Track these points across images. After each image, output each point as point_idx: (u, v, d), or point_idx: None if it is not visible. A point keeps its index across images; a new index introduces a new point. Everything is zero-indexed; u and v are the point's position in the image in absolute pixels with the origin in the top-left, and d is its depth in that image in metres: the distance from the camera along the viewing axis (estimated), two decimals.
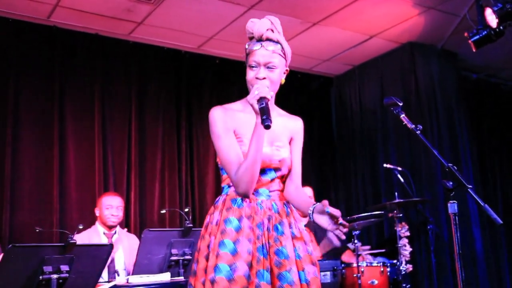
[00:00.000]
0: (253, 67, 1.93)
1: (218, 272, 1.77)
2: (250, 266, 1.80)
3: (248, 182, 1.85)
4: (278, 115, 2.05)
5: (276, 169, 1.96)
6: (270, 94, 1.84)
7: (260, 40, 1.94)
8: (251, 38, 1.98)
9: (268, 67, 1.93)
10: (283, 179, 2.02)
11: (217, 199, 1.99)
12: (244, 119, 1.97)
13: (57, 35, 4.88)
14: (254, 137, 1.83)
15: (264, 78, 1.91)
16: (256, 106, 1.80)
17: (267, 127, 1.74)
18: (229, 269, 1.77)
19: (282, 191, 2.02)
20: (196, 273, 1.86)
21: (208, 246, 1.86)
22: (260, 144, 1.84)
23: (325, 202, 1.80)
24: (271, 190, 1.96)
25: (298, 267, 1.87)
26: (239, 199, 1.90)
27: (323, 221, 1.82)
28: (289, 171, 2.03)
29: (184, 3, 4.62)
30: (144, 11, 4.72)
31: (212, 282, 1.76)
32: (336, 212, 1.76)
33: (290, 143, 2.06)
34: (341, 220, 1.77)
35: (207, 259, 1.85)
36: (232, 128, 1.94)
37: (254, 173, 1.85)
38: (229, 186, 1.96)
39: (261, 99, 1.80)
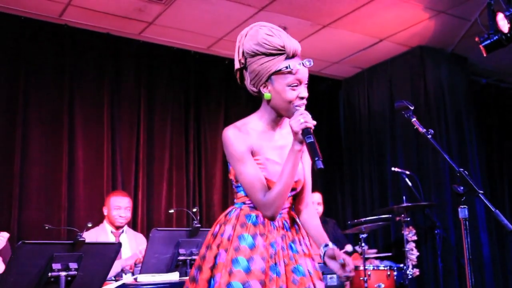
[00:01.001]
0: (294, 86, 1.82)
1: None
2: (263, 284, 1.78)
3: (279, 207, 1.83)
4: (289, 132, 1.88)
5: (292, 189, 1.93)
6: (313, 123, 1.76)
7: (293, 56, 1.83)
8: (273, 54, 1.82)
9: (305, 84, 1.86)
10: (295, 197, 2.01)
11: (228, 210, 1.95)
12: (260, 138, 1.91)
13: (68, 34, 4.91)
14: (290, 163, 1.79)
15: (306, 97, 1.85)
16: (300, 135, 1.73)
17: (321, 171, 1.69)
18: None
19: (290, 208, 2.00)
20: (198, 282, 1.83)
21: (215, 257, 1.83)
22: (295, 170, 1.81)
23: (338, 253, 1.83)
24: (283, 208, 1.93)
25: (312, 283, 1.86)
26: (253, 215, 1.88)
27: (333, 265, 1.85)
28: (302, 188, 2.02)
29: (194, 4, 4.63)
30: (155, 11, 4.74)
31: None
32: (349, 264, 1.81)
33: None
34: (350, 273, 1.82)
35: (211, 269, 1.82)
36: (249, 148, 1.88)
37: (285, 198, 1.84)
38: (243, 203, 1.92)
39: (307, 130, 1.72)
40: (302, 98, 1.83)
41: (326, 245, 1.89)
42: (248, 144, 1.87)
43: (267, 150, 1.90)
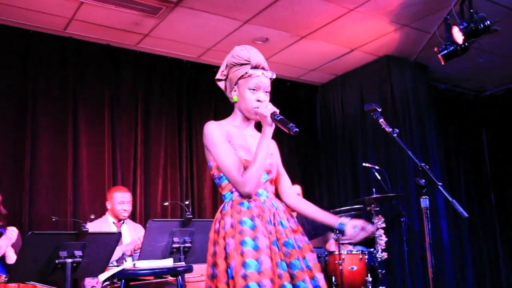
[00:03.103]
0: (253, 89, 1.98)
1: (248, 267, 1.74)
2: (270, 258, 1.79)
3: (255, 182, 1.86)
4: (257, 132, 2.08)
5: (268, 172, 1.98)
6: (278, 110, 1.89)
7: (257, 67, 1.99)
8: (241, 64, 1.99)
9: (265, 92, 2.00)
10: (273, 182, 2.04)
11: (222, 206, 1.95)
12: (235, 132, 2.00)
13: (72, 45, 4.86)
14: (263, 143, 1.88)
15: (264, 101, 1.97)
16: (269, 118, 1.87)
17: (296, 132, 1.79)
18: (256, 263, 1.75)
19: (274, 193, 2.04)
20: (218, 275, 1.81)
21: (225, 248, 1.83)
22: (267, 149, 1.89)
23: (356, 222, 1.99)
24: (268, 191, 1.98)
25: (300, 255, 1.88)
26: (245, 202, 1.89)
27: (351, 232, 2.03)
28: (277, 175, 2.09)
29: (186, 18, 4.61)
30: (150, 24, 4.71)
31: (244, 277, 1.73)
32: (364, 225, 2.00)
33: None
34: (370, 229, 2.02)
35: (226, 260, 1.82)
36: (226, 137, 1.96)
37: (260, 175, 1.89)
38: (231, 192, 1.94)
39: (274, 113, 1.87)
40: (259, 101, 1.96)
41: (342, 222, 2.03)
42: (224, 133, 1.96)
43: (241, 139, 1.99)
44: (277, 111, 1.88)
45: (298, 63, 5.82)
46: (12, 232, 3.32)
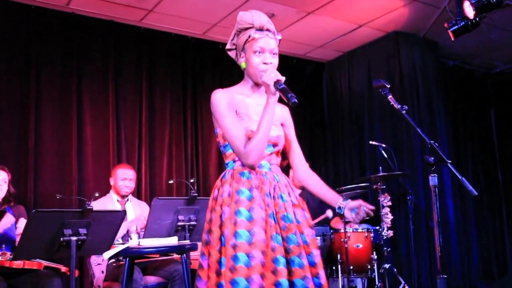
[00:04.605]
0: (258, 52, 1.92)
1: (239, 237, 1.73)
2: (265, 230, 1.78)
3: (258, 154, 1.83)
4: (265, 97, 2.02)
5: (274, 145, 1.95)
6: (283, 78, 1.84)
7: (261, 29, 1.93)
8: (246, 28, 1.95)
9: (272, 54, 1.94)
10: (279, 154, 2.01)
11: (223, 174, 1.94)
12: (243, 100, 1.97)
13: (75, 21, 4.79)
14: (267, 113, 1.83)
15: (270, 63, 1.91)
16: (273, 87, 1.81)
17: (294, 103, 1.75)
18: (248, 234, 1.74)
19: (279, 165, 2.00)
20: (211, 242, 1.82)
21: (221, 216, 1.82)
22: (271, 119, 1.84)
23: (357, 203, 1.91)
24: (271, 163, 1.95)
25: (299, 230, 1.86)
26: (246, 171, 1.87)
27: (349, 215, 1.93)
28: (284, 147, 2.05)
29: None
30: None
31: (234, 247, 1.73)
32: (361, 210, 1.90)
33: (282, 126, 2.07)
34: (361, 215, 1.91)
35: (220, 227, 1.81)
36: (233, 107, 1.92)
37: (264, 146, 1.85)
38: (234, 161, 1.92)
39: (278, 81, 1.81)
40: (265, 63, 1.91)
41: (345, 200, 1.96)
42: (232, 103, 1.92)
43: (248, 108, 1.95)
44: (282, 79, 1.82)
45: (305, 40, 5.73)
46: (19, 225, 3.34)
